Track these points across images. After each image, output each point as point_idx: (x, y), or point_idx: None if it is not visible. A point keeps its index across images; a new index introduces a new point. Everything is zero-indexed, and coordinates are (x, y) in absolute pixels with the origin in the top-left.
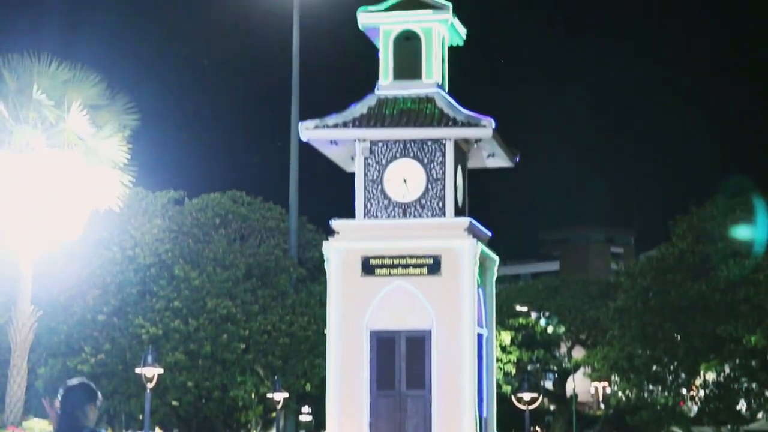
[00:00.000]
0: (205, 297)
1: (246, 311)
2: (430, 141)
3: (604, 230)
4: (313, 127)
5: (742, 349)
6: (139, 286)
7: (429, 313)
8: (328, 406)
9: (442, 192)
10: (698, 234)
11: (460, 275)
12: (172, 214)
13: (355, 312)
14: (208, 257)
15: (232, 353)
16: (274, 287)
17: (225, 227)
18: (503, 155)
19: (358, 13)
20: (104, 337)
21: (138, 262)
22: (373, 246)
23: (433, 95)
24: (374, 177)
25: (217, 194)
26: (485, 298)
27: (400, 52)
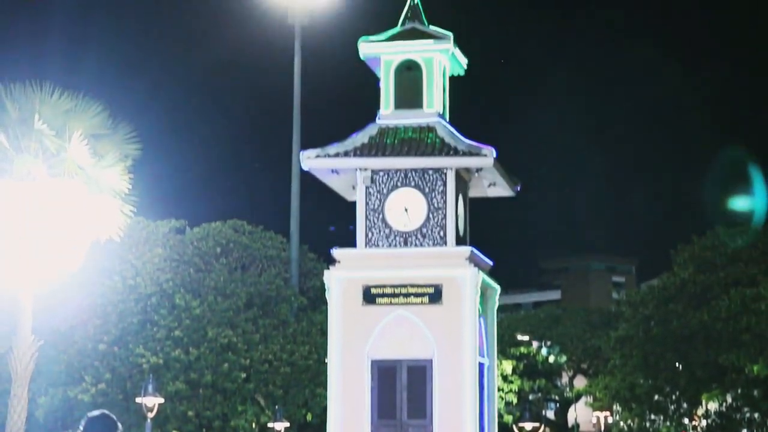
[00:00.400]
0: (206, 326)
1: (247, 340)
2: (432, 170)
3: (605, 259)
4: (314, 157)
5: (744, 378)
6: (139, 316)
7: (430, 342)
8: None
9: (443, 221)
10: (700, 263)
11: (461, 304)
12: (173, 243)
13: (356, 341)
14: (209, 286)
15: (233, 382)
16: (275, 316)
17: (226, 256)
18: (504, 184)
19: (359, 43)
20: (105, 367)
21: (139, 292)
22: (375, 275)
23: (434, 124)
24: (375, 206)
25: (219, 223)
26: (486, 327)
27: (402, 82)
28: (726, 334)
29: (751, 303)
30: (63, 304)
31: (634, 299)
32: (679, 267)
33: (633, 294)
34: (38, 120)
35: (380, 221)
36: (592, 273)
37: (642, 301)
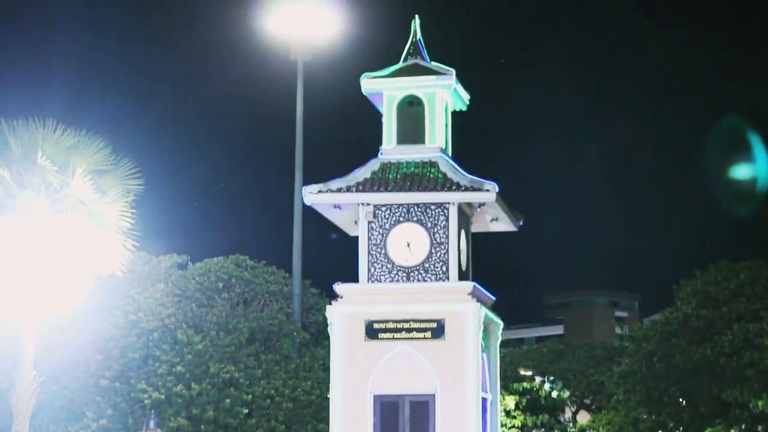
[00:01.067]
0: (208, 361)
1: (249, 376)
2: (434, 205)
3: (608, 294)
4: (316, 192)
5: (748, 414)
6: (141, 351)
7: (433, 377)
8: None
9: (445, 256)
10: (702, 298)
11: (464, 339)
12: (175, 279)
13: (358, 376)
14: (211, 321)
15: (235, 418)
16: (278, 351)
17: (228, 291)
18: (507, 219)
19: (361, 79)
20: (106, 402)
21: (141, 327)
22: (377, 310)
23: (436, 159)
24: (378, 241)
25: (221, 258)
26: (489, 362)
27: (404, 117)
28: (729, 369)
29: (755, 338)
30: (65, 339)
31: (637, 334)
32: (681, 302)
33: (636, 329)
34: (41, 156)
35: (383, 256)
36: (595, 308)
37: (645, 335)
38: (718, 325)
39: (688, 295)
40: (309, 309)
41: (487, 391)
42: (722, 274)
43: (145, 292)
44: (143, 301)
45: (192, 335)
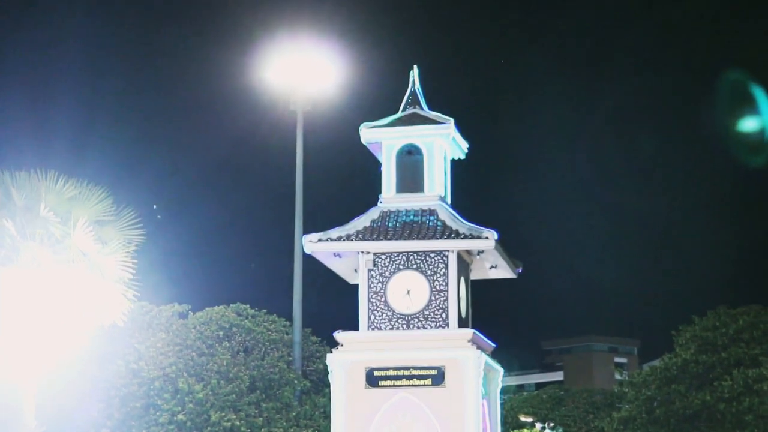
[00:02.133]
0: (209, 410)
1: (250, 424)
2: (433, 253)
3: (607, 340)
4: (316, 240)
5: None
6: (142, 400)
7: (434, 424)
8: None
9: (445, 303)
10: (701, 344)
11: (464, 386)
12: (176, 328)
13: (359, 424)
14: (212, 370)
15: None
16: (279, 400)
17: (229, 340)
18: (506, 266)
19: (360, 129)
20: None
21: (142, 376)
22: (377, 357)
23: (435, 207)
24: (378, 289)
25: (221, 307)
26: (490, 408)
27: (403, 166)
28: (729, 414)
29: (754, 383)
30: (66, 387)
31: (637, 380)
32: (680, 347)
33: (635, 375)
34: (44, 208)
35: (383, 304)
36: (595, 353)
37: (644, 381)
38: (717, 371)
39: (687, 340)
40: (310, 357)
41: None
42: (721, 319)
43: (146, 342)
44: (144, 350)
45: (193, 384)
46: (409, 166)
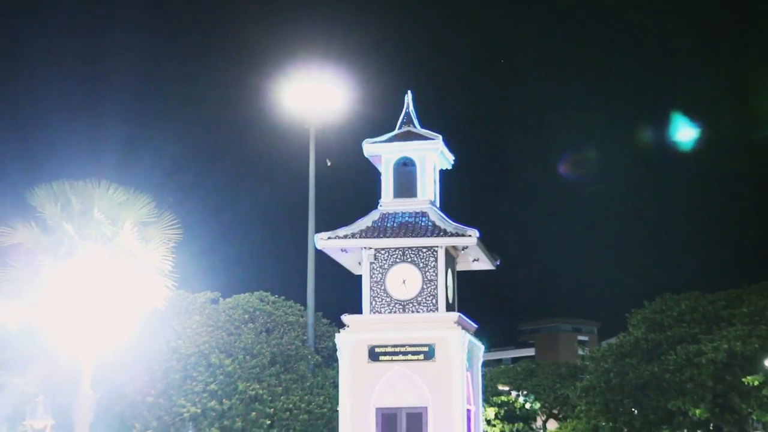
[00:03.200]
0: (237, 381)
1: (271, 393)
2: (425, 248)
3: (571, 321)
4: (326, 238)
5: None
6: (180, 372)
7: (425, 392)
8: None
9: (435, 291)
10: (650, 324)
11: (451, 361)
12: (208, 312)
13: (363, 392)
14: (239, 347)
15: (260, 429)
16: (295, 372)
17: (253, 322)
18: (486, 259)
19: (363, 144)
20: (152, 416)
21: (180, 352)
22: (378, 337)
23: (426, 210)
24: (378, 279)
25: (247, 294)
26: (473, 379)
27: (399, 175)
28: (673, 383)
29: (694, 357)
30: (117, 363)
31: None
32: (633, 327)
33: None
34: (97, 211)
35: (382, 291)
36: (561, 333)
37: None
38: (664, 347)
39: (639, 321)
40: (321, 336)
41: (471, 403)
42: (666, 304)
43: (184, 323)
44: (182, 331)
45: (223, 359)
46: (404, 175)
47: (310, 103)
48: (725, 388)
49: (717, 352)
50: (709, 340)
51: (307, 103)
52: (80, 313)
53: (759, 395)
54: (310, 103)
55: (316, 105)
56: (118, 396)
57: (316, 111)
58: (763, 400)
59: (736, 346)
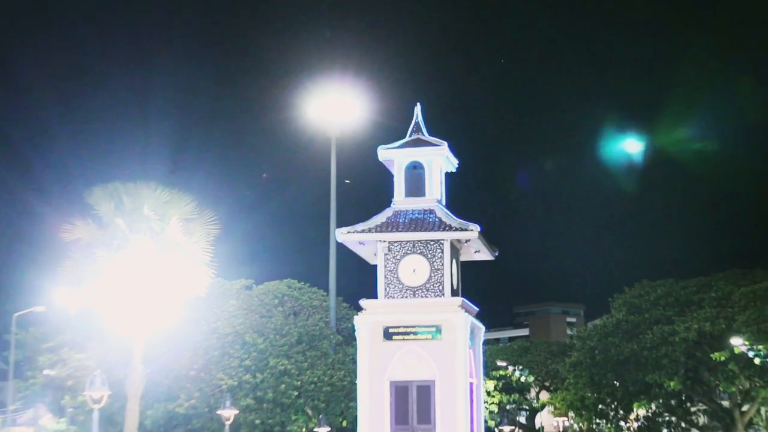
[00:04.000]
0: (268, 357)
1: (298, 367)
2: (432, 241)
3: (561, 305)
4: (346, 232)
5: (664, 392)
6: (219, 350)
7: (433, 367)
8: None
9: (441, 279)
10: (630, 307)
11: (455, 340)
12: (243, 297)
13: (378, 367)
14: (270, 328)
15: (288, 398)
16: (319, 349)
17: (282, 306)
18: (486, 251)
19: (378, 150)
20: (194, 388)
21: (218, 333)
22: (391, 319)
23: (434, 208)
24: (391, 268)
25: (276, 282)
26: (475, 355)
27: (410, 177)
28: (650, 359)
29: (668, 336)
30: (164, 342)
31: (583, 334)
32: (615, 310)
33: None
34: (146, 209)
35: (395, 279)
36: (552, 315)
37: (588, 335)
38: (642, 327)
39: (620, 305)
40: (341, 318)
41: (473, 377)
42: (644, 289)
43: (221, 307)
44: (220, 314)
45: (256, 338)
46: (414, 177)
47: (331, 114)
48: (696, 363)
49: (688, 332)
50: (681, 321)
51: (329, 114)
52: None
53: (725, 369)
54: (332, 114)
55: (337, 116)
56: (165, 371)
57: (337, 121)
58: (729, 374)
59: (705, 326)
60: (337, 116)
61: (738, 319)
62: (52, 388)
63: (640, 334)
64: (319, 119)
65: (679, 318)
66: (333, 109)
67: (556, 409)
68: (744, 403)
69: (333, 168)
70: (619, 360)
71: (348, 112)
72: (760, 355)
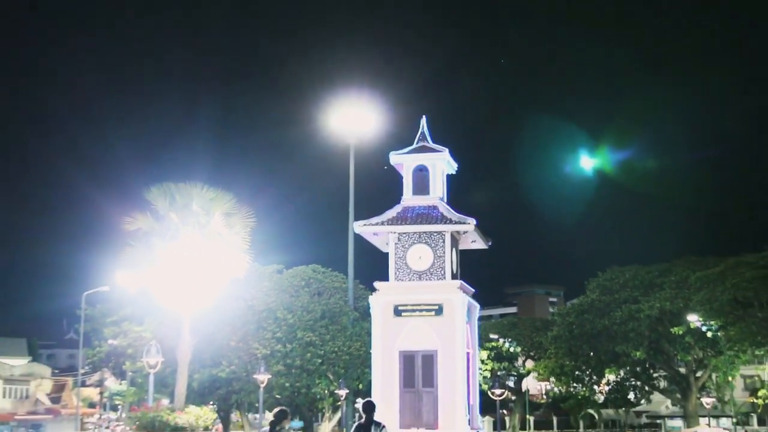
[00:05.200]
0: (296, 330)
1: (322, 339)
2: (435, 233)
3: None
4: (362, 225)
5: (631, 360)
6: (255, 324)
7: (436, 339)
8: (374, 399)
9: (443, 264)
10: (603, 289)
11: (455, 316)
12: (275, 280)
13: (389, 339)
14: (298, 306)
15: (313, 365)
16: (339, 324)
17: (308, 287)
18: (481, 241)
19: (390, 155)
20: (234, 356)
21: (254, 309)
22: (400, 298)
23: (436, 204)
24: (401, 255)
25: (303, 267)
26: (471, 330)
27: (416, 178)
28: (619, 333)
29: (635, 313)
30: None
31: (563, 312)
32: (590, 291)
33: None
34: (194, 205)
35: (404, 264)
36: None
37: (567, 313)
38: (612, 306)
39: (594, 287)
40: (358, 297)
41: (470, 347)
42: (614, 274)
43: (257, 288)
44: (255, 293)
45: (286, 314)
46: (420, 178)
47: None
48: (657, 336)
49: (652, 310)
50: (646, 301)
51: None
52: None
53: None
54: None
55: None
56: (209, 341)
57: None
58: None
59: (666, 305)
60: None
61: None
62: (115, 355)
63: (610, 312)
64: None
65: (644, 298)
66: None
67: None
68: (698, 370)
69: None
70: (593, 333)
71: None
72: (711, 330)
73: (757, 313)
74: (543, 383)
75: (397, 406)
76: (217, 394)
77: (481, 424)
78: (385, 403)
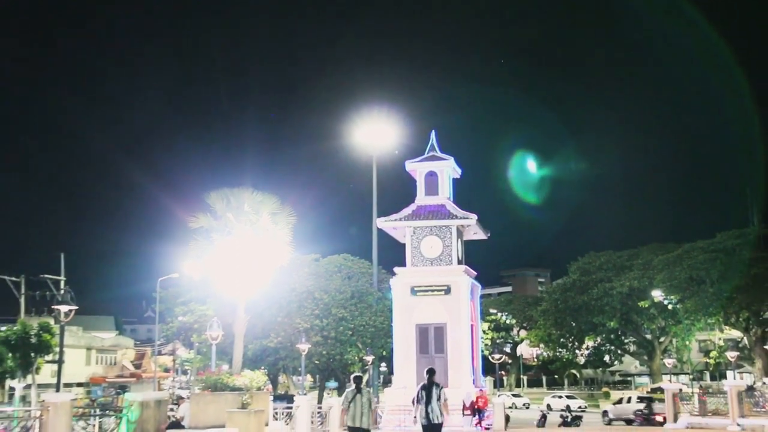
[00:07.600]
0: (331, 308)
1: (352, 315)
2: (444, 226)
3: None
4: (384, 221)
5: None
6: (296, 303)
7: (445, 314)
8: (395, 363)
9: (450, 252)
10: (583, 271)
11: (461, 295)
12: (313, 267)
13: (407, 314)
14: (332, 288)
15: (345, 336)
16: (365, 302)
17: (340, 272)
18: (481, 233)
19: (405, 163)
20: (280, 328)
21: (296, 291)
22: (416, 280)
23: (445, 203)
24: (416, 245)
25: (336, 255)
26: (474, 306)
27: (427, 182)
28: (597, 307)
29: (609, 291)
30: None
31: (550, 290)
32: (572, 273)
33: (549, 287)
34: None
35: (418, 253)
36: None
37: (553, 291)
38: (590, 285)
39: (575, 269)
40: (381, 281)
41: (473, 320)
42: (592, 258)
43: (298, 273)
44: (297, 278)
45: (322, 294)
46: (430, 182)
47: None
48: (627, 309)
49: (622, 287)
50: (618, 280)
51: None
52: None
53: (648, 312)
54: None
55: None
56: (260, 317)
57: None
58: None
59: (634, 283)
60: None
61: (657, 278)
62: (184, 330)
63: (589, 289)
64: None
65: (616, 278)
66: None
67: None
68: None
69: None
70: (574, 307)
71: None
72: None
73: (709, 288)
74: (534, 349)
75: (414, 368)
76: (267, 361)
77: (483, 383)
78: (404, 367)
